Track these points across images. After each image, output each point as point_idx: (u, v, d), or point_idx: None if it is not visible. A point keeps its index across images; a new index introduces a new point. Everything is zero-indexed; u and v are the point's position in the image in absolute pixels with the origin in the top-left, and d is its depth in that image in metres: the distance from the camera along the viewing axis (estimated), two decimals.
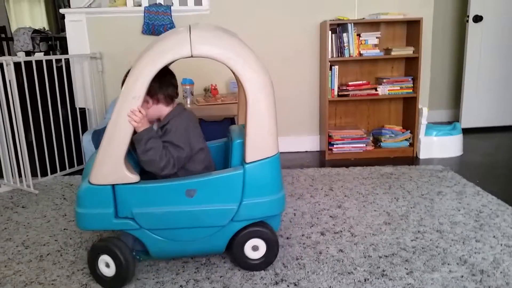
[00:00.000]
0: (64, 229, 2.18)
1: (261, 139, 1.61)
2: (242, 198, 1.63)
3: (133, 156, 1.73)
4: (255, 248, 1.70)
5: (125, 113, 1.54)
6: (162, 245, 1.65)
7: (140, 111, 1.55)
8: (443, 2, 4.24)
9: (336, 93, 3.33)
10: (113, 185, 1.59)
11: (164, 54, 1.53)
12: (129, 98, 1.53)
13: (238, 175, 1.62)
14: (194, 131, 1.75)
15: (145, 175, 1.71)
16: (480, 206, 2.30)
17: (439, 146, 3.33)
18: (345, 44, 3.24)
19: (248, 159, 1.62)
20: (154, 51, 1.54)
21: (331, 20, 3.22)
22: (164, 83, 1.71)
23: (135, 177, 1.59)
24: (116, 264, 1.60)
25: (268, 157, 1.63)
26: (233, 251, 1.70)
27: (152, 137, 1.61)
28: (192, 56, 1.54)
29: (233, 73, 1.61)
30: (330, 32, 3.22)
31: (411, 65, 3.41)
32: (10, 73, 2.62)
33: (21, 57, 2.74)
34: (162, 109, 1.75)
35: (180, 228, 1.63)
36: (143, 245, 1.67)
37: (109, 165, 1.56)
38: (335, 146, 3.39)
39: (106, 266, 1.62)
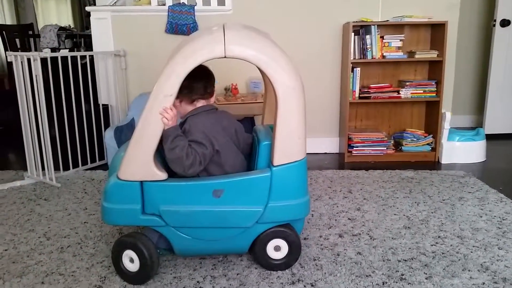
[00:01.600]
0: (85, 222, 2.22)
1: (289, 143, 1.60)
2: (268, 201, 1.63)
3: (161, 154, 1.74)
4: (277, 248, 1.69)
5: (156, 111, 1.53)
6: (187, 243, 1.66)
7: (171, 109, 1.55)
8: (469, 6, 4.17)
9: (357, 95, 3.31)
10: (141, 182, 1.60)
11: (197, 53, 1.51)
12: (160, 96, 1.53)
13: (265, 178, 1.62)
14: (213, 131, 1.69)
15: (173, 175, 1.71)
16: (503, 213, 2.25)
17: (461, 151, 3.27)
18: (368, 46, 3.22)
19: (275, 162, 1.61)
20: (187, 50, 1.52)
21: (354, 22, 3.20)
22: (188, 86, 1.66)
23: (163, 175, 1.60)
24: (140, 260, 1.61)
25: (296, 161, 1.62)
26: (255, 249, 1.70)
27: (179, 135, 1.60)
28: (225, 57, 1.52)
29: (262, 74, 1.60)
30: (353, 33, 3.19)
31: (434, 69, 3.36)
32: (36, 69, 2.67)
33: (47, 53, 2.80)
34: (185, 108, 1.74)
35: (206, 228, 1.64)
36: (168, 243, 1.67)
37: (138, 161, 1.57)
38: (355, 148, 3.36)
39: (130, 261, 1.63)
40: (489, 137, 3.54)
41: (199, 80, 1.71)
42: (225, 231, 1.65)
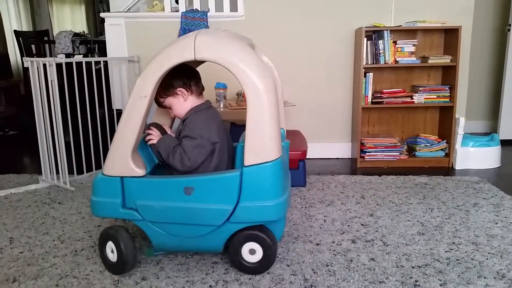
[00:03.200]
0: (98, 225, 2.23)
1: (260, 144, 1.60)
2: (238, 200, 1.64)
3: (149, 151, 1.83)
4: (252, 252, 1.71)
5: (134, 111, 1.63)
6: (162, 238, 1.73)
7: (153, 130, 1.79)
8: (483, 10, 4.14)
9: (370, 100, 3.30)
10: (121, 177, 1.69)
11: (170, 56, 1.61)
12: (137, 98, 1.61)
13: (235, 177, 1.64)
14: (212, 126, 1.79)
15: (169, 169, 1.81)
16: None
17: (476, 157, 3.24)
18: (380, 51, 3.21)
19: (246, 162, 1.62)
20: (163, 53, 1.63)
21: (366, 27, 3.20)
22: (194, 77, 1.84)
23: (141, 171, 1.68)
24: (118, 252, 1.70)
25: (268, 162, 1.62)
26: (229, 252, 1.73)
27: (167, 145, 1.76)
28: (195, 60, 1.61)
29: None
30: (365, 38, 3.19)
31: (448, 74, 3.34)
32: (52, 74, 2.71)
33: (62, 59, 2.84)
34: (194, 101, 1.84)
35: (178, 224, 1.69)
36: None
37: (118, 158, 1.67)
38: (367, 153, 3.34)
39: (111, 252, 1.73)
40: (504, 143, 3.50)
41: (198, 75, 1.86)
42: (197, 228, 1.69)
